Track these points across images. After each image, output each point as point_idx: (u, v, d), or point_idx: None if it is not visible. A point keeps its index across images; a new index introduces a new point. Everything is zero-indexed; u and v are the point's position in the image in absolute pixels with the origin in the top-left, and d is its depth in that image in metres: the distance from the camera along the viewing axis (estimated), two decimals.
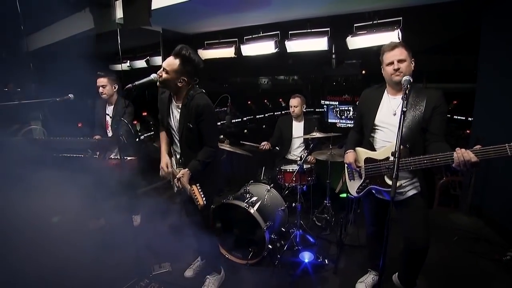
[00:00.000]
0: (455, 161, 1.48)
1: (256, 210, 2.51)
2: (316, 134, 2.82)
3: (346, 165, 2.05)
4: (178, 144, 2.06)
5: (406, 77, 1.71)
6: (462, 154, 1.45)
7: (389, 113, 1.83)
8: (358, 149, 1.98)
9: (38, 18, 3.63)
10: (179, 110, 1.98)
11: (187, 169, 1.92)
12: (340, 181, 3.20)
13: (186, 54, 1.84)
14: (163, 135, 2.19)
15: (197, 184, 1.93)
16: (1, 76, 3.30)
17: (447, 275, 2.30)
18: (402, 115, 1.58)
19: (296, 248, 2.61)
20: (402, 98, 1.64)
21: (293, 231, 2.72)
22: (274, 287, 2.33)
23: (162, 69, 1.88)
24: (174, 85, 1.90)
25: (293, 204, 2.78)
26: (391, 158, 1.68)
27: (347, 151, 2.01)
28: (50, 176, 2.28)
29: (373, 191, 1.94)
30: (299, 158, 2.99)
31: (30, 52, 3.50)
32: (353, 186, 2.04)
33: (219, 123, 3.00)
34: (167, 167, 2.10)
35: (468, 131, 6.11)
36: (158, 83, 1.90)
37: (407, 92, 1.63)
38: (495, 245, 2.78)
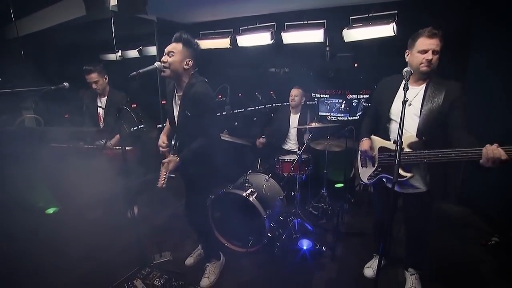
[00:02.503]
0: (483, 157, 1.45)
1: (256, 199, 2.54)
2: (315, 124, 2.86)
3: (359, 152, 2.08)
4: (177, 132, 2.08)
5: (407, 68, 1.74)
6: (493, 151, 1.42)
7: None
8: (373, 137, 1.98)
9: (26, 1, 3.48)
10: (180, 99, 2.00)
11: (176, 157, 1.94)
12: (353, 168, 3.25)
13: (186, 37, 1.91)
14: (167, 126, 2.24)
15: (167, 173, 1.93)
16: None
17: (437, 259, 2.42)
18: (404, 106, 1.62)
19: (295, 236, 2.67)
20: (403, 89, 1.67)
21: (291, 220, 2.78)
22: (274, 274, 2.39)
23: (166, 54, 1.89)
24: (181, 69, 1.91)
25: (292, 193, 2.83)
26: (406, 149, 1.73)
27: (362, 139, 2.03)
28: (50, 166, 2.25)
29: (384, 180, 1.97)
30: (296, 149, 3.03)
31: (20, 38, 3.36)
32: (365, 173, 2.08)
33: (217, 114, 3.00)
34: (163, 143, 2.14)
35: None
36: (163, 71, 1.89)
37: (407, 83, 1.67)
38: (481, 232, 2.93)
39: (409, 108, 1.78)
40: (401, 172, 1.80)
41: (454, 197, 3.43)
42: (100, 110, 2.91)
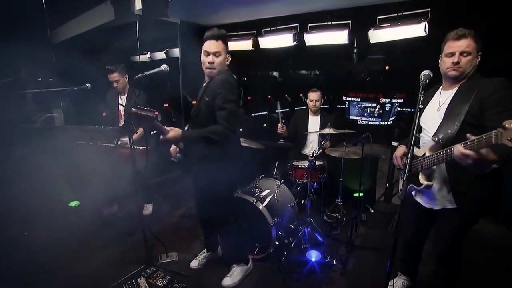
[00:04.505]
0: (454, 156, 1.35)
1: (265, 205, 2.47)
2: (329, 130, 2.72)
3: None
4: (192, 119, 2.00)
5: (425, 72, 1.59)
6: (455, 148, 1.33)
7: (435, 108, 1.69)
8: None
9: (64, 11, 3.76)
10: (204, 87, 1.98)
11: (179, 130, 1.82)
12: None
13: (225, 34, 1.91)
14: None
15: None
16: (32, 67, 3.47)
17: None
18: (418, 113, 1.48)
19: (304, 246, 2.55)
20: (419, 94, 1.53)
21: (301, 229, 2.66)
22: (278, 284, 2.29)
23: (212, 54, 1.88)
24: (224, 66, 1.94)
25: (303, 201, 2.72)
26: (427, 154, 1.61)
27: (399, 145, 1.92)
28: (66, 162, 2.38)
29: (413, 193, 1.82)
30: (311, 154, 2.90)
31: (55, 45, 3.63)
32: (400, 185, 1.93)
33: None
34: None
35: None
36: (209, 70, 1.91)
37: (423, 88, 1.52)
38: None
39: (437, 113, 1.66)
40: (420, 179, 1.67)
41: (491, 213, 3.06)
42: (121, 108, 3.03)
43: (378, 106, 8.30)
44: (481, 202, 1.59)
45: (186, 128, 1.98)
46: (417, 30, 3.07)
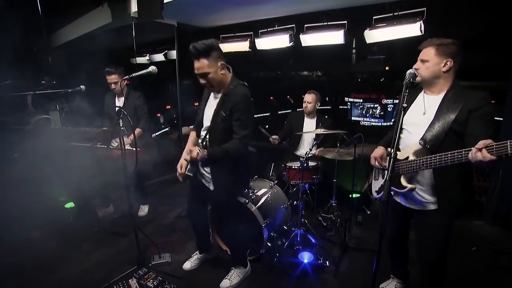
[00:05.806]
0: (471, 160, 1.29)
1: (256, 207, 2.46)
2: (321, 131, 2.71)
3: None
4: (207, 134, 2.00)
5: (411, 70, 1.59)
6: (475, 154, 1.26)
7: (419, 112, 1.69)
8: (389, 148, 1.86)
9: (62, 15, 3.81)
10: (218, 99, 1.95)
11: (205, 150, 1.89)
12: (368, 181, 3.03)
13: (202, 48, 1.78)
14: (192, 136, 2.22)
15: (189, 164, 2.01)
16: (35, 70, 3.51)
17: None
18: (402, 112, 1.48)
19: (296, 247, 2.53)
20: (403, 92, 1.53)
21: (294, 230, 2.64)
22: (270, 285, 2.28)
23: (199, 77, 1.87)
24: (220, 76, 1.89)
25: (295, 202, 2.70)
26: (411, 158, 1.62)
27: (378, 146, 1.92)
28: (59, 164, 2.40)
29: (392, 193, 1.81)
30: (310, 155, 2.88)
31: (54, 48, 3.68)
32: (375, 186, 1.96)
33: None
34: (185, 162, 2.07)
35: None
36: (208, 88, 1.95)
37: (408, 87, 1.53)
38: None
39: (423, 117, 1.67)
40: (403, 182, 1.66)
41: (489, 216, 3.01)
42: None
43: (380, 107, 8.24)
44: (460, 203, 1.64)
45: (199, 141, 2.04)
46: (413, 29, 3.05)
